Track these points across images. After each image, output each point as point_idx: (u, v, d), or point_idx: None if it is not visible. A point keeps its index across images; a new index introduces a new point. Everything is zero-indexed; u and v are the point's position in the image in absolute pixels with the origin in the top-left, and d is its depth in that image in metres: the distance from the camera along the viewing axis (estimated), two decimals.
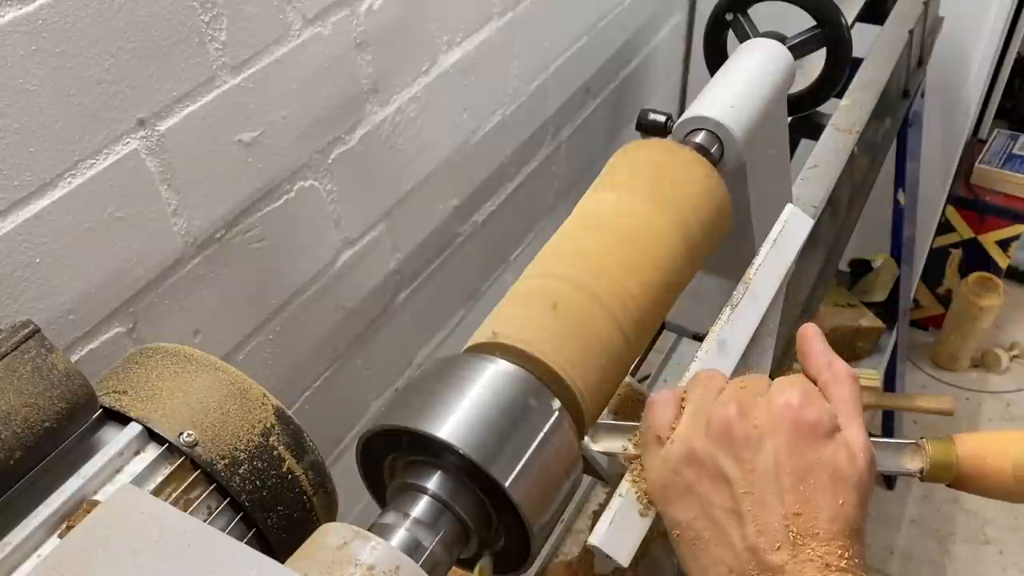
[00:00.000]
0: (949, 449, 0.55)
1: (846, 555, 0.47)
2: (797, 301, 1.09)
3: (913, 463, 0.56)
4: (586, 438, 0.61)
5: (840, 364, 0.54)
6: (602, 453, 0.61)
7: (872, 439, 0.52)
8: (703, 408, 0.52)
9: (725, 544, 0.49)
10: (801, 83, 1.24)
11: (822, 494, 0.48)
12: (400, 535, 0.50)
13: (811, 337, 0.56)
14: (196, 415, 0.55)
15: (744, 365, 0.67)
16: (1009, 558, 2.10)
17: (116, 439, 0.53)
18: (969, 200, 2.33)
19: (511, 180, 1.37)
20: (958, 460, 0.54)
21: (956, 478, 0.55)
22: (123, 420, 0.54)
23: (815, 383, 0.53)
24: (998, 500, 0.55)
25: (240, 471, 0.55)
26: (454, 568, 0.54)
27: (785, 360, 0.99)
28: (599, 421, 0.62)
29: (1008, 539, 2.13)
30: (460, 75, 1.13)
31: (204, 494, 0.54)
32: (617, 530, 0.55)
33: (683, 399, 0.55)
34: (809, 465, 0.49)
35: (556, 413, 0.55)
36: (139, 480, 0.52)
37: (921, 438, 0.56)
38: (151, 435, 0.54)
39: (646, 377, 1.03)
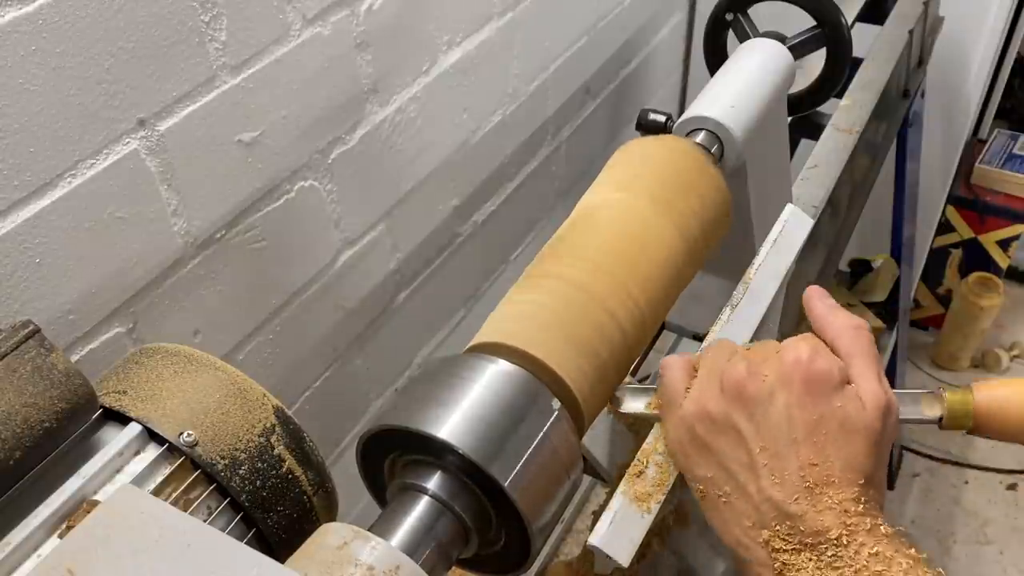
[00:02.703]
0: (967, 396, 0.55)
1: (862, 500, 0.49)
2: (797, 301, 1.09)
3: (932, 411, 0.56)
4: (615, 398, 0.62)
5: (845, 318, 0.55)
6: (627, 413, 0.62)
7: (894, 392, 0.53)
8: (715, 369, 0.54)
9: (745, 498, 0.51)
10: (801, 83, 1.24)
11: (834, 444, 0.50)
12: (400, 535, 0.50)
13: (814, 297, 0.57)
14: (196, 415, 0.55)
15: None
16: (1009, 558, 2.10)
17: (116, 439, 0.53)
18: (969, 200, 2.33)
19: (511, 180, 1.37)
20: (976, 406, 0.55)
21: (976, 424, 0.55)
22: (123, 420, 0.54)
23: (824, 341, 0.54)
24: (1018, 444, 0.56)
25: (240, 471, 0.55)
26: (454, 568, 0.54)
27: None
28: (624, 384, 0.63)
29: (1008, 539, 2.13)
30: (460, 75, 1.13)
31: (204, 494, 0.54)
32: (617, 530, 0.55)
33: (696, 365, 0.57)
34: (820, 416, 0.50)
35: (556, 413, 0.55)
36: (139, 480, 0.52)
37: (939, 387, 0.57)
38: (151, 435, 0.54)
39: (646, 377, 1.03)
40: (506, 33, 1.20)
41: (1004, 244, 2.36)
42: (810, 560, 0.48)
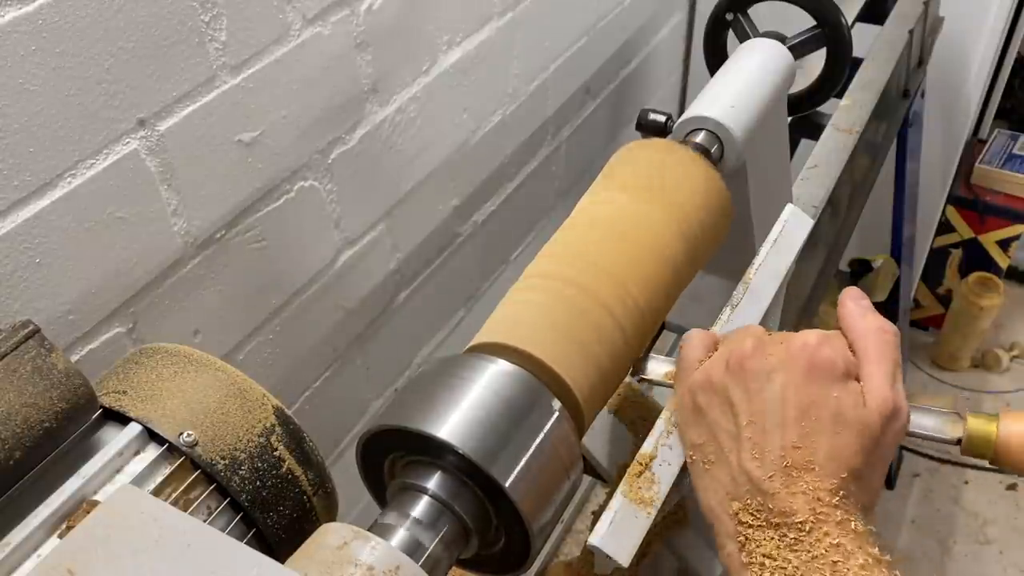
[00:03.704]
0: (990, 424, 0.53)
1: (839, 492, 0.49)
2: (797, 301, 1.09)
3: (953, 431, 0.55)
4: (638, 363, 0.65)
5: (874, 320, 0.54)
6: (647, 380, 0.64)
7: (913, 405, 0.53)
8: (730, 346, 0.55)
9: (725, 467, 0.52)
10: (801, 83, 1.24)
11: (822, 432, 0.50)
12: (400, 535, 0.50)
13: (848, 297, 0.56)
14: (196, 415, 0.55)
15: None
16: (1009, 558, 2.10)
17: (116, 439, 0.53)
18: (969, 200, 2.33)
19: (511, 180, 1.37)
20: (998, 436, 0.53)
21: (996, 454, 0.53)
22: (123, 420, 0.54)
23: (848, 340, 0.54)
24: None
25: (240, 471, 0.55)
26: (454, 568, 0.54)
27: None
28: (647, 352, 0.65)
29: (1008, 539, 2.13)
30: (460, 75, 1.13)
31: (204, 494, 0.54)
32: (617, 530, 0.55)
33: (718, 342, 0.58)
34: (813, 402, 0.50)
35: (556, 413, 0.55)
36: (139, 480, 0.52)
37: (967, 411, 0.55)
38: (151, 435, 0.54)
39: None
40: (506, 33, 1.20)
41: (1004, 244, 2.36)
42: (772, 539, 0.49)
